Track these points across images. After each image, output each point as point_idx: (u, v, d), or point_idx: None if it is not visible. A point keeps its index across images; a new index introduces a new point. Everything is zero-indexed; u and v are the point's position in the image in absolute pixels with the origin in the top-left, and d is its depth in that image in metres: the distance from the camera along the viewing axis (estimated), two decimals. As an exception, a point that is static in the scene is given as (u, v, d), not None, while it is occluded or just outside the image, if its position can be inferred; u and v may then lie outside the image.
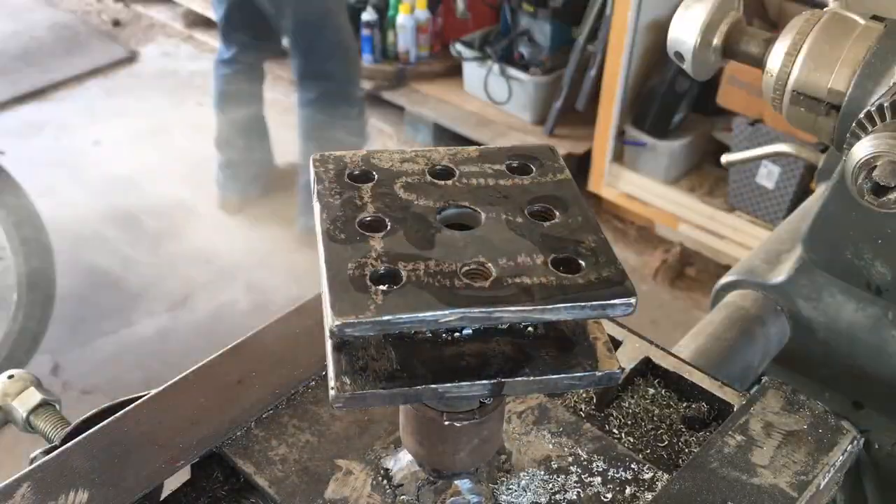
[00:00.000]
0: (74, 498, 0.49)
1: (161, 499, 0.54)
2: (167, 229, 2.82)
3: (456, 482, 0.50)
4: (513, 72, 3.16)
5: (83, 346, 2.55)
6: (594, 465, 0.54)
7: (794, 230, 0.84)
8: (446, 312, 0.38)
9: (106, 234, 2.78)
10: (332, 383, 0.40)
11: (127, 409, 0.55)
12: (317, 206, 0.44)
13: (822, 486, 0.52)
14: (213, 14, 3.03)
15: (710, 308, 0.91)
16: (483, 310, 0.39)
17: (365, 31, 3.28)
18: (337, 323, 0.37)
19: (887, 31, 0.66)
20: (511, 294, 0.39)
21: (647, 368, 0.62)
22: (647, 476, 0.54)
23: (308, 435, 0.55)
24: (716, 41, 0.72)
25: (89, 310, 2.61)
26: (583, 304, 0.40)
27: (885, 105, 0.61)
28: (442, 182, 0.46)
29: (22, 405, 0.61)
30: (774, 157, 2.26)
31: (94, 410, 0.59)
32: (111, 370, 2.41)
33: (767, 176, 2.87)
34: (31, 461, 0.55)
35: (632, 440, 0.57)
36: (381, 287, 0.39)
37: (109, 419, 0.55)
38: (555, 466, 0.54)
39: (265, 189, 2.92)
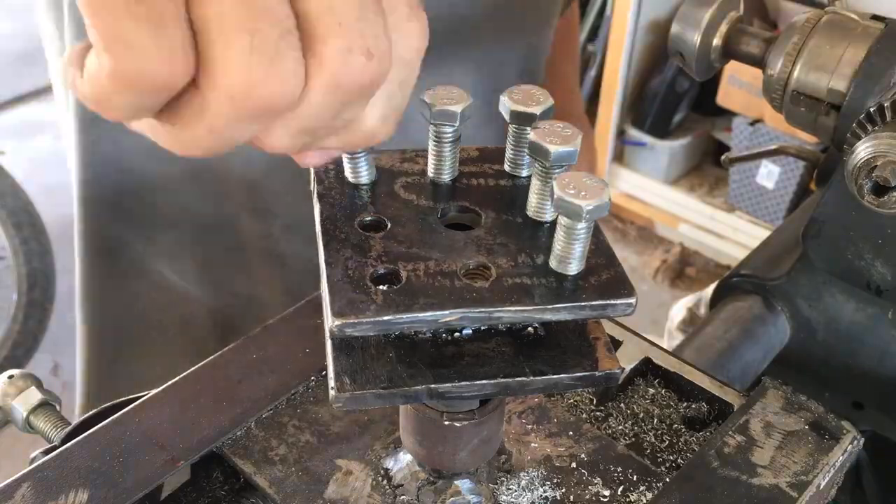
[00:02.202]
0: (74, 498, 0.49)
1: (161, 499, 0.54)
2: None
3: (456, 482, 0.50)
4: (513, 72, 3.16)
5: (83, 346, 2.54)
6: (594, 465, 0.54)
7: (795, 230, 0.84)
8: (446, 312, 0.38)
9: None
10: (332, 383, 0.40)
11: (127, 409, 0.55)
12: (317, 207, 0.44)
13: (822, 486, 0.52)
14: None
15: (709, 308, 0.91)
16: (483, 310, 0.39)
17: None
18: (337, 323, 0.37)
19: (887, 31, 0.66)
20: (511, 294, 0.39)
21: (647, 368, 0.62)
22: (647, 476, 0.54)
23: (308, 435, 0.55)
24: (716, 41, 0.72)
25: (89, 310, 2.61)
26: (583, 304, 0.40)
27: (886, 105, 0.61)
28: (442, 182, 0.46)
29: (22, 405, 0.61)
30: (774, 157, 2.26)
31: (94, 410, 0.59)
32: (111, 370, 2.41)
33: (767, 176, 2.87)
34: (31, 461, 0.55)
35: (632, 440, 0.57)
36: (381, 287, 0.39)
37: (109, 419, 0.55)
38: (555, 466, 0.54)
39: None
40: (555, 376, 0.42)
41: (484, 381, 0.41)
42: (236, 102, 0.31)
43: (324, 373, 0.59)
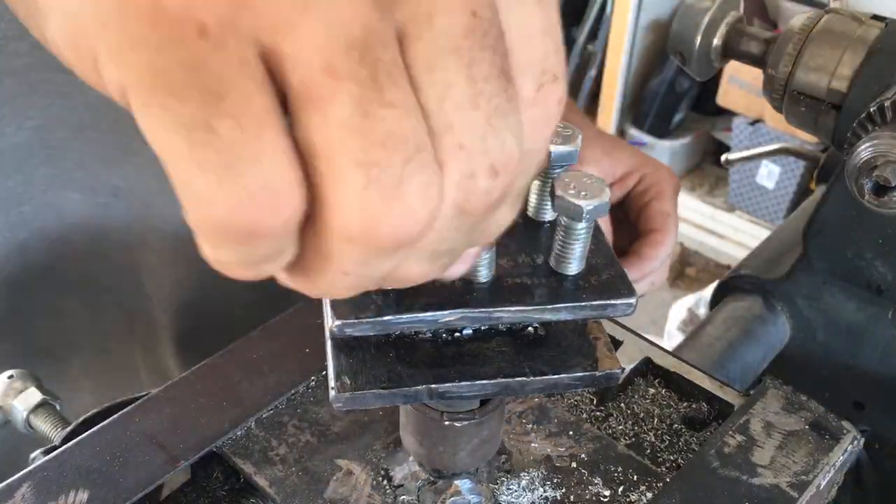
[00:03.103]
0: (74, 498, 0.49)
1: (161, 499, 0.54)
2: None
3: (456, 482, 0.50)
4: (513, 72, 3.16)
5: (83, 346, 2.54)
6: (594, 465, 0.54)
7: (794, 230, 0.84)
8: (446, 312, 0.38)
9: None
10: (332, 383, 0.40)
11: (127, 409, 0.55)
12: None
13: (822, 486, 0.52)
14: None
15: (709, 308, 0.91)
16: (483, 310, 0.39)
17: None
18: (337, 323, 0.37)
19: (887, 31, 0.66)
20: (511, 294, 0.39)
21: (647, 368, 0.62)
22: (648, 476, 0.54)
23: (308, 435, 0.55)
24: (716, 41, 0.72)
25: (89, 310, 2.60)
26: (583, 304, 0.40)
27: (886, 105, 0.61)
28: (442, 182, 0.46)
29: (22, 405, 0.61)
30: (774, 157, 2.27)
31: (94, 410, 0.59)
32: (111, 370, 2.40)
33: (767, 176, 2.87)
34: (31, 461, 0.55)
35: (632, 440, 0.57)
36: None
37: (109, 419, 0.55)
38: (555, 466, 0.54)
39: None
40: (555, 376, 0.42)
41: (484, 381, 0.41)
42: (357, 244, 0.25)
43: (324, 373, 0.59)
